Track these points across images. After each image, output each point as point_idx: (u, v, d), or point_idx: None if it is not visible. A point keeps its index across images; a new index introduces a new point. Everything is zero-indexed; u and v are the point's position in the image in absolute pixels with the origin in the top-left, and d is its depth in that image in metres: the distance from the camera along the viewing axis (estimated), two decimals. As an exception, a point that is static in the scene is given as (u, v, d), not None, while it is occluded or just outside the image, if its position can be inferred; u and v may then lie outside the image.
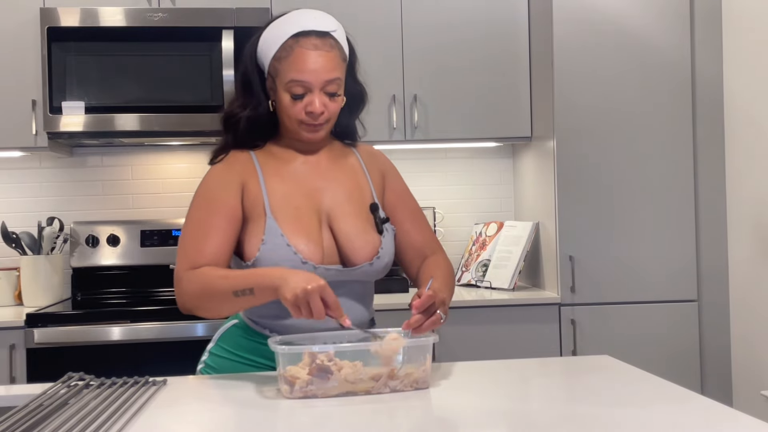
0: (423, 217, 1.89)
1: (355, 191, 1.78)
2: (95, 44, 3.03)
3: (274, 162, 1.76)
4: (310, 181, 1.75)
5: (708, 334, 3.09)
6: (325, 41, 1.69)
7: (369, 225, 1.74)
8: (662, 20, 3.08)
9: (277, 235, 1.66)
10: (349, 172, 1.81)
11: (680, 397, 1.42)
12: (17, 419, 1.27)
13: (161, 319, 2.83)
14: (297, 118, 1.70)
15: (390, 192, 1.85)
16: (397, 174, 1.89)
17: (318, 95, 1.68)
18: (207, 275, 1.62)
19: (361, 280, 1.74)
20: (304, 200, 1.72)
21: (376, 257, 1.71)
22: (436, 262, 1.80)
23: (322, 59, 1.67)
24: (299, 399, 1.44)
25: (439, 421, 1.36)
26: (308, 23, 1.70)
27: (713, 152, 3.13)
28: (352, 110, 1.82)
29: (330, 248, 1.70)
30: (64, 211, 3.40)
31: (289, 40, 1.68)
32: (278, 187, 1.72)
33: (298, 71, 1.67)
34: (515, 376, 1.66)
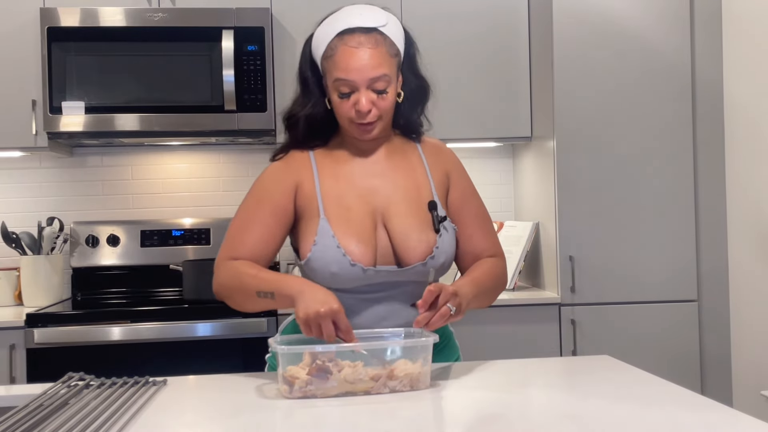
0: (488, 221, 1.84)
1: (412, 189, 1.75)
2: (95, 44, 3.03)
3: (330, 162, 1.76)
4: (365, 180, 1.74)
5: (708, 334, 3.09)
6: (371, 37, 1.66)
7: (425, 223, 1.71)
8: (662, 21, 3.08)
9: (328, 237, 1.66)
10: (407, 169, 1.78)
11: (680, 397, 1.42)
12: (17, 419, 1.27)
13: (161, 319, 2.83)
14: (347, 117, 1.69)
15: (455, 192, 1.80)
16: (464, 173, 1.85)
17: (365, 93, 1.66)
18: (240, 270, 1.66)
19: (417, 280, 1.70)
20: (358, 200, 1.71)
21: (430, 257, 1.68)
22: (483, 262, 1.77)
23: (366, 56, 1.65)
24: (299, 399, 1.44)
25: (438, 421, 1.36)
26: (353, 20, 1.68)
27: (713, 153, 3.13)
28: (414, 105, 1.79)
29: (385, 248, 1.69)
30: (64, 211, 3.40)
31: (335, 38, 1.67)
32: (332, 188, 1.72)
33: (343, 70, 1.65)
34: (515, 376, 1.66)
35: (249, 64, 3.05)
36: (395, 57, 1.71)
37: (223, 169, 3.53)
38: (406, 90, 1.75)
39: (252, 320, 2.83)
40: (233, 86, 3.02)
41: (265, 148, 3.53)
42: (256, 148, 3.53)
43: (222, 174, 3.53)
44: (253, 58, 3.05)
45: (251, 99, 3.05)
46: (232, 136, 3.19)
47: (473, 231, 1.80)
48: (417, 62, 1.80)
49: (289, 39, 3.18)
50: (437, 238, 1.70)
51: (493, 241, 1.83)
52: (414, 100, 1.79)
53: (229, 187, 3.52)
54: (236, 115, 3.04)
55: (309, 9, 3.21)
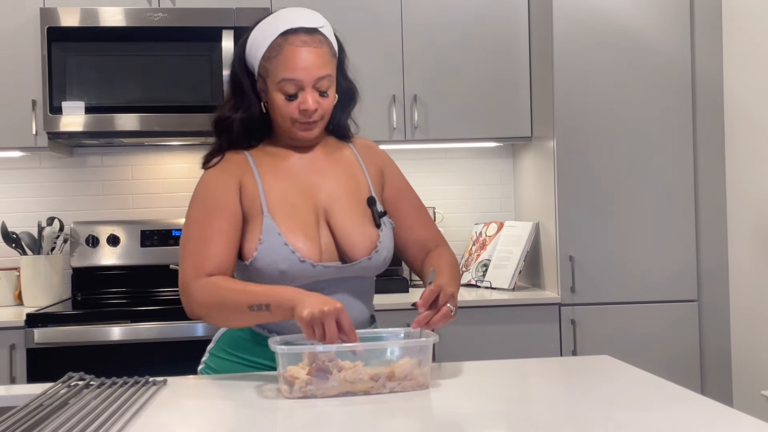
0: (425, 211, 1.88)
1: (351, 185, 1.76)
2: (95, 44, 3.03)
3: (269, 160, 1.75)
4: (306, 177, 1.74)
5: (708, 334, 3.09)
6: (314, 37, 1.67)
7: (366, 219, 1.73)
8: (662, 20, 3.08)
9: (274, 234, 1.65)
10: (345, 166, 1.79)
11: (680, 397, 1.42)
12: (17, 419, 1.27)
13: (161, 319, 2.83)
14: (291, 117, 1.69)
15: (390, 187, 1.83)
16: (396, 168, 1.88)
17: (310, 93, 1.66)
18: (221, 287, 1.60)
19: (361, 275, 1.72)
20: (301, 197, 1.71)
21: (375, 251, 1.70)
22: (441, 255, 1.79)
23: (312, 56, 1.65)
24: (298, 399, 1.44)
25: (438, 421, 1.36)
26: (296, 20, 1.68)
27: (713, 152, 3.13)
28: (344, 107, 1.81)
29: (328, 245, 1.69)
30: (64, 211, 3.40)
31: (278, 38, 1.67)
32: (274, 185, 1.71)
33: (289, 69, 1.65)
34: (515, 376, 1.66)
35: (249, 64, 3.04)
36: (334, 58, 1.73)
37: (223, 169, 3.52)
38: (338, 92, 1.76)
39: (252, 320, 2.82)
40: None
41: (265, 148, 3.52)
42: (256, 148, 3.52)
43: (222, 174, 3.52)
44: (253, 58, 3.05)
45: (251, 99, 3.04)
46: (232, 136, 3.19)
47: (413, 222, 1.82)
48: (346, 65, 1.80)
49: (289, 39, 3.18)
50: (379, 232, 1.72)
51: (434, 230, 1.87)
52: (344, 102, 1.80)
53: (229, 187, 3.52)
54: (236, 115, 3.04)
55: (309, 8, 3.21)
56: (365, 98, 1.87)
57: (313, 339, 1.48)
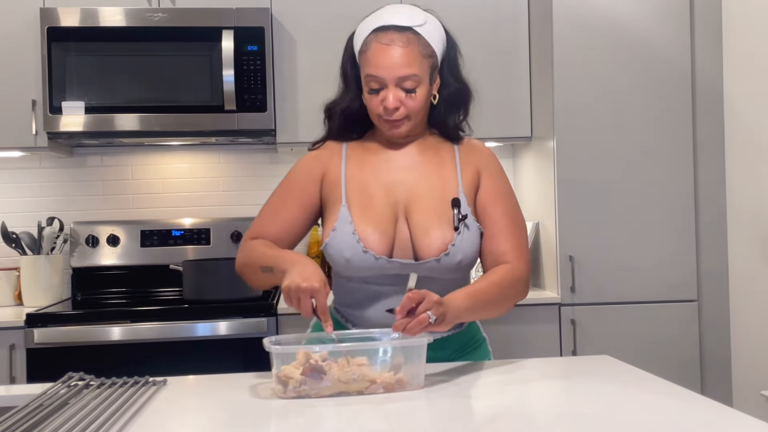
0: (516, 224, 1.78)
1: (437, 185, 1.74)
2: (95, 44, 3.03)
3: (360, 152, 1.79)
4: (391, 172, 1.75)
5: (708, 334, 3.09)
6: (403, 35, 1.68)
7: (446, 220, 1.70)
8: (662, 20, 3.08)
9: (346, 223, 1.68)
10: (436, 165, 1.77)
11: (680, 397, 1.42)
12: (17, 419, 1.27)
13: (161, 319, 2.83)
14: (375, 112, 1.72)
15: (484, 191, 1.78)
16: (498, 173, 1.81)
17: (393, 90, 1.68)
18: (253, 247, 1.72)
19: (433, 277, 1.68)
20: (381, 191, 1.73)
21: (445, 254, 1.67)
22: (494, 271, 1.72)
23: (397, 54, 1.67)
24: (293, 399, 1.44)
25: (435, 421, 1.36)
26: (389, 18, 1.71)
27: (713, 152, 3.12)
28: (452, 108, 1.79)
29: (404, 241, 1.69)
30: (64, 211, 3.40)
31: (371, 34, 1.70)
32: (356, 177, 1.74)
33: (372, 66, 1.68)
34: (515, 376, 1.66)
35: (249, 64, 3.05)
36: (429, 58, 1.72)
37: (222, 169, 3.53)
38: (445, 93, 1.76)
39: (252, 320, 2.83)
40: (233, 86, 3.02)
41: (265, 148, 3.53)
42: (256, 148, 3.53)
43: (222, 174, 3.53)
44: (253, 58, 3.05)
45: (251, 99, 3.05)
46: (232, 136, 3.20)
47: (497, 231, 1.75)
48: (458, 65, 1.80)
49: (289, 39, 3.18)
50: (455, 235, 1.69)
51: (515, 244, 1.76)
52: (452, 103, 1.79)
53: (229, 187, 3.53)
54: (236, 115, 3.04)
55: (309, 9, 3.21)
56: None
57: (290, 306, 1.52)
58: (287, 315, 2.88)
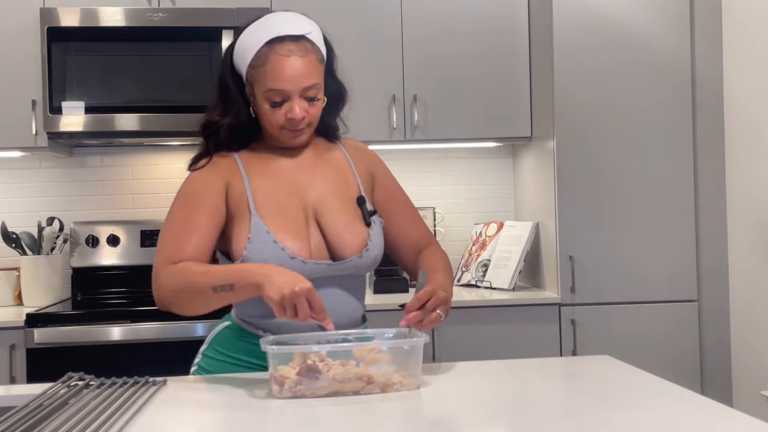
0: (415, 211, 1.89)
1: (341, 185, 1.77)
2: (95, 44, 3.03)
3: (258, 161, 1.75)
4: (295, 177, 1.74)
5: (708, 334, 3.09)
6: (300, 45, 1.65)
7: (357, 218, 1.73)
8: (662, 20, 3.08)
9: (263, 233, 1.65)
10: (334, 166, 1.79)
11: (680, 397, 1.42)
12: (17, 419, 1.27)
13: (161, 319, 2.83)
14: (278, 125, 1.69)
15: (380, 189, 1.84)
16: (386, 169, 1.88)
17: (297, 101, 1.66)
18: (186, 270, 1.59)
19: (352, 274, 1.73)
20: (289, 197, 1.71)
21: (365, 250, 1.70)
22: (433, 254, 1.81)
23: (298, 65, 1.64)
24: (289, 399, 1.43)
25: (437, 421, 1.36)
26: (281, 28, 1.66)
27: (713, 152, 3.13)
28: (332, 109, 1.79)
29: (318, 243, 1.69)
30: (64, 211, 3.40)
31: (264, 47, 1.65)
32: (262, 186, 1.71)
33: (275, 80, 1.64)
34: (515, 376, 1.66)
35: (249, 64, 3.04)
36: (322, 63, 1.71)
37: (223, 169, 3.52)
38: (327, 95, 1.75)
39: (252, 320, 2.83)
40: (233, 86, 3.01)
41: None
42: (256, 148, 3.52)
43: (222, 174, 3.52)
44: (253, 58, 3.05)
45: (251, 99, 3.04)
46: (232, 136, 3.19)
47: (404, 222, 1.84)
48: (335, 67, 1.79)
49: (289, 39, 3.18)
50: (369, 231, 1.72)
51: (425, 229, 1.88)
52: (333, 104, 1.78)
53: (229, 187, 3.52)
54: (236, 115, 3.04)
55: (309, 9, 3.21)
56: (365, 98, 1.88)
57: (283, 317, 1.47)
58: (287, 315, 2.87)
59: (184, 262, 1.62)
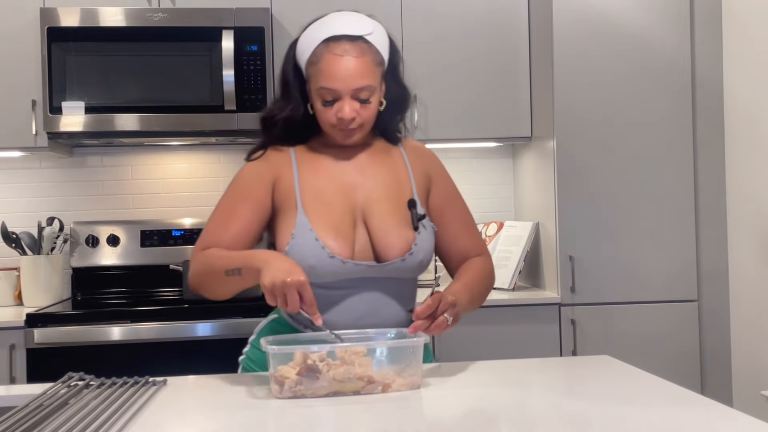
0: (471, 221, 1.86)
1: (393, 187, 1.75)
2: (95, 44, 3.03)
3: (311, 157, 1.76)
4: (346, 176, 1.74)
5: (708, 334, 3.09)
6: (356, 45, 1.66)
7: (405, 221, 1.71)
8: (662, 20, 3.08)
9: (306, 230, 1.65)
10: (389, 167, 1.78)
11: (680, 397, 1.42)
12: (17, 419, 1.27)
13: (161, 319, 2.83)
14: (329, 123, 1.70)
15: (437, 194, 1.81)
16: (446, 175, 1.85)
17: (348, 102, 1.66)
18: (211, 255, 1.65)
19: (396, 277, 1.70)
20: (338, 196, 1.71)
21: (409, 253, 1.68)
22: (473, 264, 1.78)
23: (351, 65, 1.64)
24: (289, 399, 1.43)
25: (433, 421, 1.36)
26: (340, 27, 1.67)
27: (713, 152, 3.13)
28: (394, 112, 1.79)
29: (364, 244, 1.69)
30: (64, 211, 3.40)
31: (320, 45, 1.66)
32: (311, 183, 1.72)
33: (327, 78, 1.65)
34: (515, 376, 1.66)
35: (249, 64, 3.05)
36: (380, 66, 1.70)
37: (222, 169, 3.53)
38: (388, 97, 1.75)
39: (252, 320, 2.80)
40: (233, 86, 3.02)
41: (265, 148, 3.53)
42: (256, 148, 3.52)
43: (222, 174, 3.52)
44: (253, 58, 3.05)
45: (251, 99, 3.05)
46: (232, 136, 3.20)
47: (458, 231, 1.81)
48: (399, 70, 1.79)
49: (289, 39, 3.14)
50: (416, 235, 1.70)
51: (478, 240, 1.85)
52: (394, 107, 1.78)
53: (229, 187, 3.52)
54: (236, 115, 3.05)
55: (309, 9, 3.19)
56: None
57: (273, 304, 1.49)
58: (287, 315, 2.88)
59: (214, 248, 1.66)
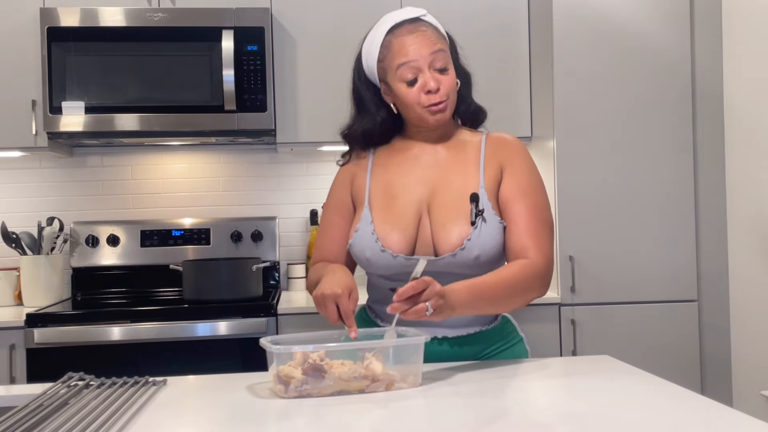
0: (537, 219, 1.73)
1: (458, 180, 1.75)
2: (95, 44, 3.03)
3: (387, 154, 1.84)
4: (414, 170, 1.79)
5: (708, 334, 3.09)
6: (417, 25, 1.75)
7: (464, 215, 1.70)
8: (662, 20, 3.09)
9: (367, 224, 1.74)
10: (460, 161, 1.78)
11: (680, 397, 1.42)
12: (17, 419, 1.27)
13: (161, 319, 2.83)
14: (417, 103, 1.73)
15: (507, 187, 1.75)
16: (523, 168, 1.77)
17: (429, 73, 1.71)
18: (314, 270, 1.81)
19: (452, 272, 1.68)
20: (404, 190, 1.77)
21: (461, 248, 1.67)
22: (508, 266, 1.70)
23: (420, 38, 1.73)
24: (294, 399, 1.44)
25: (436, 420, 1.36)
26: (397, 16, 1.76)
27: (713, 152, 3.13)
28: (464, 92, 1.85)
29: (426, 238, 1.72)
30: (64, 211, 3.40)
31: (385, 38, 1.74)
32: (381, 178, 1.80)
33: (402, 55, 1.71)
34: (515, 376, 1.66)
35: (249, 64, 3.05)
36: (444, 39, 1.79)
37: (222, 169, 3.53)
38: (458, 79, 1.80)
39: (252, 320, 2.83)
40: (233, 86, 3.02)
41: (265, 148, 3.53)
42: (256, 148, 3.53)
43: (222, 174, 3.53)
44: (253, 58, 3.05)
45: (251, 99, 3.05)
46: (232, 136, 3.20)
47: (518, 227, 1.71)
48: (459, 53, 1.86)
49: (289, 39, 3.18)
50: (471, 230, 1.68)
51: (537, 240, 1.71)
52: (464, 87, 1.85)
53: (229, 187, 3.53)
54: (236, 115, 3.05)
55: (309, 9, 3.21)
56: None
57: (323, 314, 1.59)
58: (287, 315, 2.88)
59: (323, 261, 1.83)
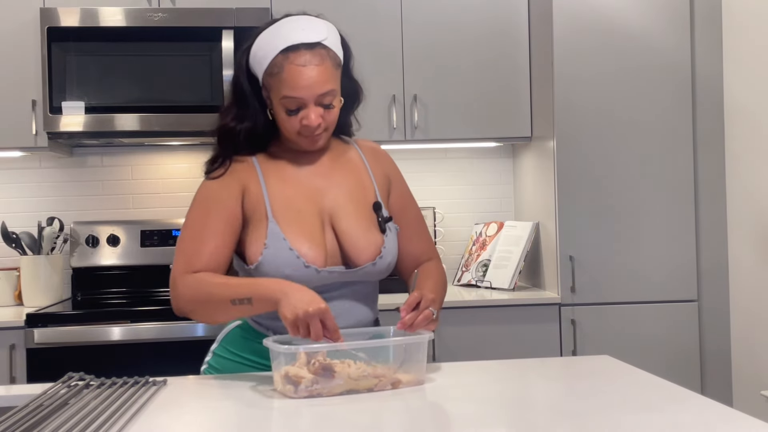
0: (424, 223, 1.89)
1: (357, 190, 1.76)
2: (95, 44, 3.03)
3: (275, 165, 1.74)
4: (312, 181, 1.74)
5: (708, 334, 3.09)
6: (316, 53, 1.64)
7: (372, 224, 1.73)
8: (662, 20, 3.08)
9: (279, 239, 1.65)
10: (351, 171, 1.79)
11: (680, 397, 1.42)
12: (17, 419, 1.27)
13: (161, 319, 2.83)
14: (294, 131, 1.69)
15: (396, 196, 1.83)
16: (401, 176, 1.88)
17: (313, 109, 1.65)
18: (205, 281, 1.62)
19: (365, 280, 1.73)
20: (306, 202, 1.71)
21: (379, 257, 1.70)
22: (429, 268, 1.81)
23: (314, 74, 1.63)
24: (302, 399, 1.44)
25: (439, 420, 1.36)
26: (297, 36, 1.64)
27: (713, 152, 3.13)
28: (348, 108, 1.79)
29: (333, 249, 1.69)
30: (64, 211, 3.40)
31: (279, 55, 1.64)
32: (279, 190, 1.71)
33: (291, 89, 1.63)
34: (515, 376, 1.66)
35: (249, 64, 3.05)
36: (338, 68, 1.70)
37: (223, 169, 3.52)
38: (342, 94, 1.74)
39: (252, 320, 2.83)
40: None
41: (265, 148, 3.53)
42: (256, 148, 3.52)
43: (222, 174, 3.52)
44: (253, 58, 3.05)
45: (251, 99, 3.05)
46: (232, 136, 3.19)
47: (412, 234, 1.83)
48: (351, 66, 1.78)
49: (289, 39, 3.18)
50: (384, 238, 1.72)
51: (430, 244, 1.88)
52: (348, 103, 1.78)
53: (229, 187, 3.52)
54: (236, 115, 3.04)
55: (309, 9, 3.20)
56: (365, 98, 1.87)
57: (297, 336, 1.49)
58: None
59: (201, 272, 1.64)
